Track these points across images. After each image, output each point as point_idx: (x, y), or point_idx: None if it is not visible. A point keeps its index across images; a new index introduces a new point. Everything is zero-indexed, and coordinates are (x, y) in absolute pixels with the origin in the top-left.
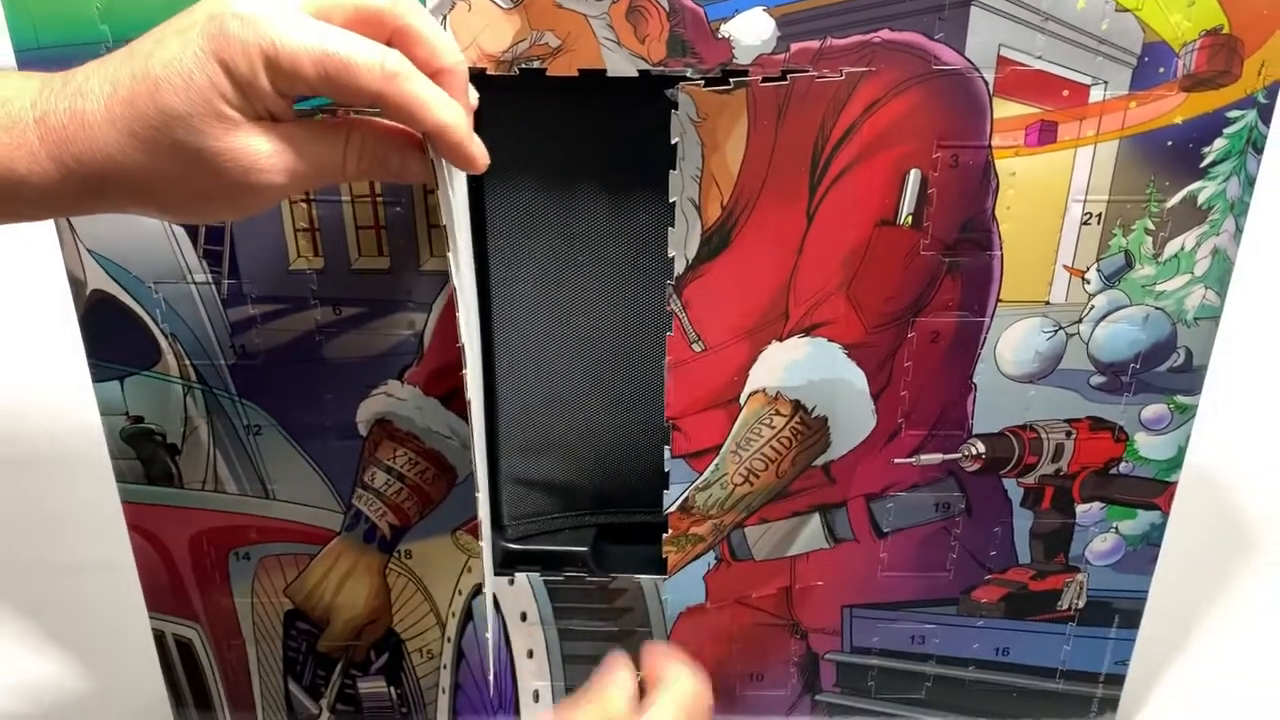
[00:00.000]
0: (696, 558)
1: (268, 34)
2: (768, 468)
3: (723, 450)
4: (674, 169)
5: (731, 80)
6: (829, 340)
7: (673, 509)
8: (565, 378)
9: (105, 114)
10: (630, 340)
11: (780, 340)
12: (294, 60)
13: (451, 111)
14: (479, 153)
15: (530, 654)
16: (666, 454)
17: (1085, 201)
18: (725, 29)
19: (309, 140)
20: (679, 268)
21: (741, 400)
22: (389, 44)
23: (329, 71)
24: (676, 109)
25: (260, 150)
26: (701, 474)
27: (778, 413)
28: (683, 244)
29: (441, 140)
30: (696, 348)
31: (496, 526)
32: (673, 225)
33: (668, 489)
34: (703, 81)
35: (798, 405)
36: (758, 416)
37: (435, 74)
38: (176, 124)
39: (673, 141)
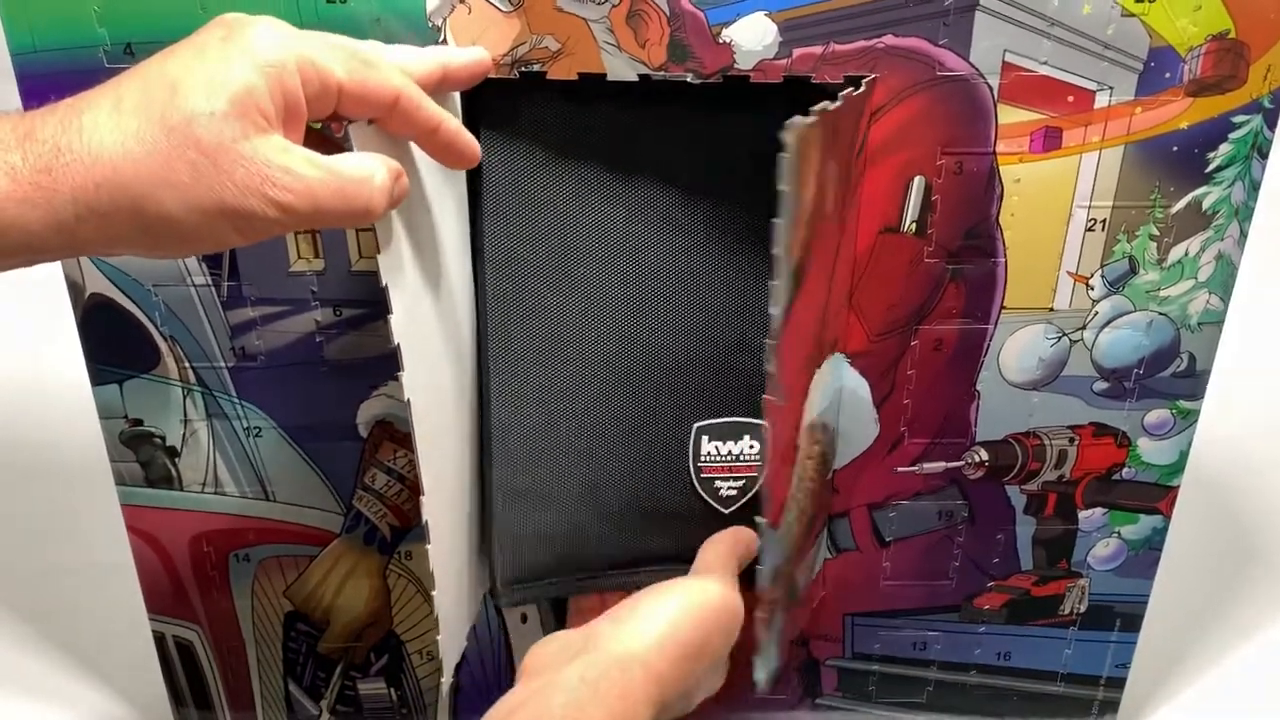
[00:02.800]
0: (773, 625)
1: (298, 38)
2: (809, 499)
3: (787, 503)
4: (778, 218)
5: (812, 111)
6: (836, 351)
7: (766, 584)
8: (567, 406)
9: (111, 122)
10: (639, 352)
11: (819, 368)
12: (325, 58)
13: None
14: (474, 144)
15: None
16: (762, 525)
17: (1090, 208)
18: (726, 34)
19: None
20: (777, 323)
21: (800, 443)
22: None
23: (354, 68)
24: (786, 152)
25: (280, 161)
26: (777, 533)
27: (814, 441)
28: (783, 297)
29: (442, 130)
30: (779, 402)
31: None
32: (774, 280)
33: (761, 565)
34: (809, 115)
35: (824, 427)
36: (804, 453)
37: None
38: (198, 120)
39: (782, 189)
